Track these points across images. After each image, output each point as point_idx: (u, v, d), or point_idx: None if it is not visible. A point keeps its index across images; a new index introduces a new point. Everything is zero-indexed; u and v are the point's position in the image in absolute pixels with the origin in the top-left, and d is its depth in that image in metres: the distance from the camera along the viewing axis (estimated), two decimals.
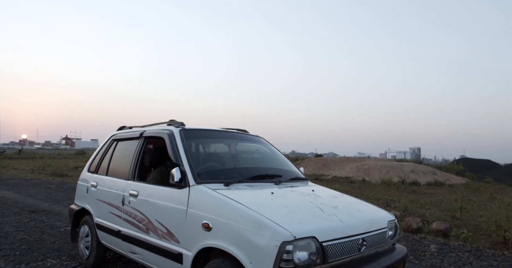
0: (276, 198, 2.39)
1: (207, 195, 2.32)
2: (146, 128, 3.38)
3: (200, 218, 2.25)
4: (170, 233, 2.48)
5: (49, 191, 9.47)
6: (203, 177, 2.53)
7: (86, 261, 3.53)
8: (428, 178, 16.18)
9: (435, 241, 5.08)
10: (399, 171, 16.77)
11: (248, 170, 3.14)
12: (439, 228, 5.50)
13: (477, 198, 10.18)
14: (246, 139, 3.58)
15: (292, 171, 3.28)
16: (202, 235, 2.22)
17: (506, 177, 18.56)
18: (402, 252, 2.54)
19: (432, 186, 14.33)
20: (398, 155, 64.83)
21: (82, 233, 3.67)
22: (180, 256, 2.36)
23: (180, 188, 2.47)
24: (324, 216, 2.20)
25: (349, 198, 2.89)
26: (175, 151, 2.68)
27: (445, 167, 22.04)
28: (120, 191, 3.12)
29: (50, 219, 5.88)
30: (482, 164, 25.40)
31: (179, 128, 2.92)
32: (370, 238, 2.26)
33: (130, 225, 2.93)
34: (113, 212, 3.17)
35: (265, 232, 1.90)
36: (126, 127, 3.85)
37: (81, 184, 3.89)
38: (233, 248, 2.00)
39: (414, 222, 5.75)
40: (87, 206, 3.63)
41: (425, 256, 4.28)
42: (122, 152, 3.55)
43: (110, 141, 3.81)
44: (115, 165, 3.53)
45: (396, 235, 2.60)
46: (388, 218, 2.58)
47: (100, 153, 3.86)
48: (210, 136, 3.33)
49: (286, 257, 1.81)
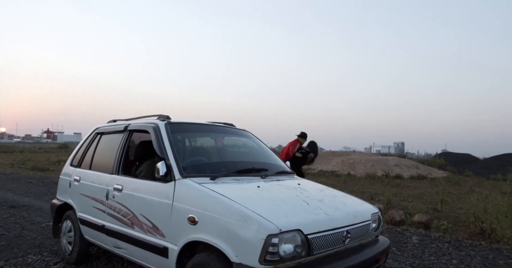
0: (262, 191, 2.40)
1: (193, 189, 2.31)
2: (131, 121, 3.33)
3: (186, 212, 2.24)
4: (156, 227, 2.46)
5: (30, 186, 9.24)
6: (189, 170, 2.52)
7: (69, 257, 3.47)
8: (411, 171, 16.57)
9: (417, 232, 5.22)
10: (383, 165, 17.11)
11: (234, 164, 3.14)
12: (421, 220, 5.66)
13: (457, 191, 10.49)
14: (232, 132, 3.56)
15: (279, 165, 3.30)
16: (187, 229, 2.21)
17: (484, 171, 19.21)
18: (385, 243, 2.60)
19: (415, 179, 14.69)
20: (383, 149, 66.06)
21: (65, 228, 3.60)
22: (166, 250, 2.35)
23: (166, 181, 2.45)
24: (310, 209, 2.22)
25: (334, 191, 2.93)
26: (161, 144, 2.65)
27: (428, 161, 22.61)
28: (104, 185, 3.07)
29: (31, 214, 5.74)
30: (463, 158, 26.17)
31: (164, 122, 2.88)
32: (354, 231, 2.30)
33: (114, 220, 2.89)
34: (97, 207, 3.12)
35: (251, 225, 1.90)
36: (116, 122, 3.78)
37: (63, 178, 3.80)
38: (219, 241, 2.00)
39: (397, 214, 5.90)
40: (69, 200, 3.56)
41: (407, 247, 4.40)
42: (106, 145, 3.49)
43: (94, 134, 3.74)
44: (99, 158, 3.47)
45: (379, 227, 2.66)
46: (372, 210, 2.63)
47: (83, 146, 3.79)
48: (196, 130, 3.30)
49: (272, 249, 1.83)
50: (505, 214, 4.70)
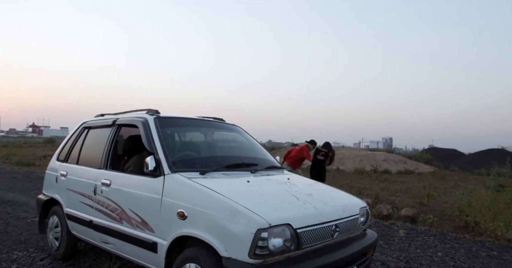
0: (252, 186, 2.41)
1: (183, 184, 2.30)
2: (120, 116, 3.29)
3: (175, 206, 2.23)
4: (144, 222, 2.44)
5: (15, 181, 9.05)
6: (179, 165, 2.50)
7: (55, 253, 3.42)
8: (399, 166, 16.84)
9: (403, 226, 5.32)
10: (372, 160, 17.33)
11: (224, 159, 3.13)
12: (408, 214, 5.77)
13: (443, 186, 10.72)
14: (222, 127, 3.55)
15: (268, 160, 3.30)
16: (177, 223, 2.20)
17: (469, 166, 19.69)
18: (372, 237, 2.64)
19: (403, 174, 14.95)
20: (371, 144, 66.83)
21: (51, 223, 3.55)
22: (155, 245, 2.33)
23: (155, 176, 2.43)
24: (299, 203, 2.23)
25: (323, 186, 2.95)
26: (150, 139, 2.62)
27: (415, 156, 23.00)
28: (91, 180, 3.03)
29: (16, 210, 5.63)
30: (449, 153, 26.74)
31: (153, 116, 2.85)
32: (342, 224, 2.33)
33: (102, 215, 2.86)
34: (84, 202, 3.08)
35: (241, 219, 1.91)
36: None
37: (49, 173, 3.74)
38: (208, 236, 2.00)
39: (384, 208, 6.00)
40: (56, 195, 3.50)
41: (394, 241, 4.48)
42: (94, 140, 3.44)
43: (81, 129, 3.67)
44: (86, 153, 3.41)
45: (367, 221, 2.70)
46: (360, 205, 2.66)
47: (70, 141, 3.72)
48: (186, 124, 3.28)
49: (261, 244, 1.84)
50: (488, 208, 4.83)
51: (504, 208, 4.72)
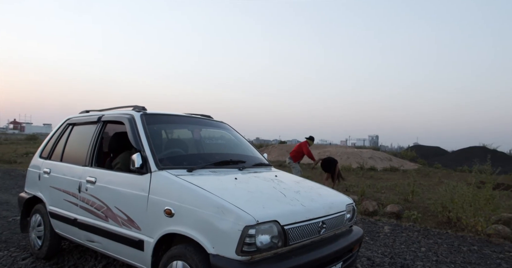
0: (240, 183, 2.40)
1: (170, 181, 2.28)
2: (105, 112, 3.23)
3: (162, 204, 2.21)
4: (131, 220, 2.42)
5: None
6: (166, 162, 2.48)
7: (38, 252, 3.35)
8: (385, 164, 17.14)
9: (389, 222, 5.42)
10: (358, 157, 17.57)
11: (211, 156, 3.12)
12: (393, 211, 5.88)
13: (427, 182, 10.96)
14: (210, 124, 3.53)
15: (256, 157, 3.31)
16: (164, 221, 2.18)
17: (452, 163, 20.19)
18: (358, 233, 2.68)
19: (388, 171, 15.21)
20: (358, 142, 67.74)
21: (34, 222, 3.47)
22: (141, 243, 2.31)
23: (141, 174, 2.41)
24: (287, 200, 2.25)
25: (310, 183, 2.97)
26: (136, 136, 2.59)
27: (400, 154, 23.43)
28: (76, 178, 2.97)
29: None
30: (433, 151, 27.34)
31: (140, 113, 2.81)
32: (329, 221, 2.35)
33: (87, 213, 2.81)
34: (68, 200, 3.02)
35: (229, 216, 1.90)
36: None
37: (32, 171, 3.65)
38: (195, 233, 2.00)
39: (370, 205, 6.10)
40: (39, 193, 3.42)
41: (379, 237, 4.57)
42: (79, 136, 3.37)
43: (65, 125, 3.60)
44: (71, 150, 3.35)
45: (353, 217, 2.73)
46: (347, 201, 2.69)
47: (54, 137, 3.64)
48: (173, 121, 3.25)
49: (249, 240, 1.84)
50: (470, 204, 4.97)
51: (484, 204, 4.86)
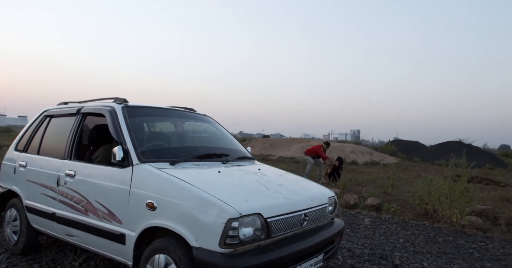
0: (223, 176, 2.40)
1: (152, 174, 2.25)
2: (85, 104, 3.14)
3: (144, 197, 2.18)
4: (112, 214, 2.38)
5: None
6: (148, 155, 2.44)
7: (14, 247, 3.26)
8: (366, 158, 17.49)
9: (369, 215, 5.56)
10: (340, 151, 17.82)
11: (195, 149, 3.10)
12: (373, 203, 6.03)
13: (406, 176, 11.27)
14: (193, 117, 3.50)
15: (239, 150, 3.30)
16: (146, 214, 2.16)
17: (430, 157, 20.80)
18: (340, 225, 2.74)
19: (369, 165, 15.55)
20: (340, 136, 68.81)
21: (9, 217, 3.36)
22: (123, 237, 2.28)
23: (123, 167, 2.37)
24: (270, 193, 2.26)
25: (293, 176, 3.00)
26: (117, 128, 2.54)
27: (381, 148, 23.95)
28: (54, 171, 2.89)
29: None
30: (412, 145, 28.04)
31: (121, 105, 2.75)
32: (311, 213, 2.39)
33: (66, 207, 2.74)
34: (46, 194, 2.94)
35: (212, 209, 1.90)
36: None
37: (7, 164, 3.52)
38: (178, 226, 1.99)
39: (351, 198, 6.23)
40: (14, 187, 3.31)
41: (359, 229, 4.68)
42: (57, 129, 3.27)
43: (42, 117, 3.48)
44: (48, 143, 3.24)
45: (335, 210, 2.78)
46: (329, 194, 2.74)
47: (30, 130, 3.52)
48: (155, 114, 3.19)
49: (232, 233, 1.85)
50: (446, 196, 5.15)
51: (459, 196, 5.05)
